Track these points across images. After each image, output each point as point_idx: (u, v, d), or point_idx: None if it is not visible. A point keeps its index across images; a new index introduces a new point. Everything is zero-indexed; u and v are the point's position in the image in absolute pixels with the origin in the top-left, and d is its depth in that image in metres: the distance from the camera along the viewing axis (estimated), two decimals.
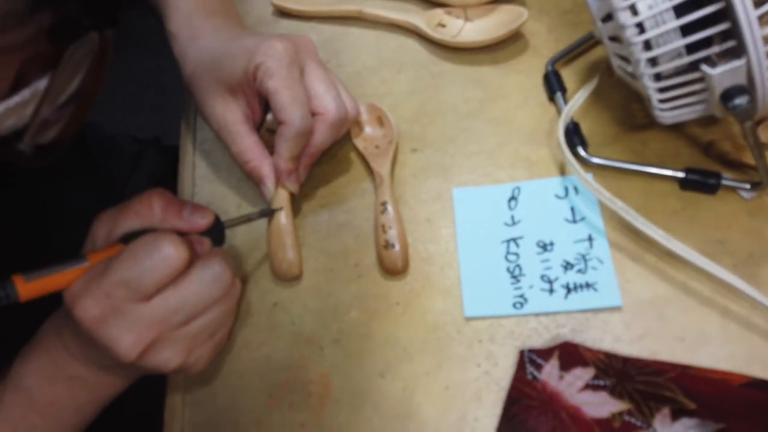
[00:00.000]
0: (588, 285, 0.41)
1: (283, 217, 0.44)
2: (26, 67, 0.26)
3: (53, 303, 0.36)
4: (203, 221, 0.38)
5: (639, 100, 0.47)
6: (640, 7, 0.36)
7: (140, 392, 0.40)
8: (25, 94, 0.26)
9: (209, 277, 0.35)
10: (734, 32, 0.34)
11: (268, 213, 0.44)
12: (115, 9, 0.25)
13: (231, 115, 0.45)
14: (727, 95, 0.36)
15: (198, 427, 0.41)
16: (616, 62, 0.42)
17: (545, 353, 0.38)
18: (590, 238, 0.43)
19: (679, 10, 0.35)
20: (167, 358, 0.35)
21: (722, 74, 0.35)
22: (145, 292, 0.34)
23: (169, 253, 0.34)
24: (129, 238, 0.35)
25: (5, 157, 0.27)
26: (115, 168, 0.69)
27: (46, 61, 0.26)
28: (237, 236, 0.47)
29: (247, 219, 0.43)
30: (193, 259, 0.35)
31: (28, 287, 0.32)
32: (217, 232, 0.39)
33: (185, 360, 0.36)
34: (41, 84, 0.26)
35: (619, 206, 0.41)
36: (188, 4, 0.50)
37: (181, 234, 0.36)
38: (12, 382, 0.37)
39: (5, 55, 0.25)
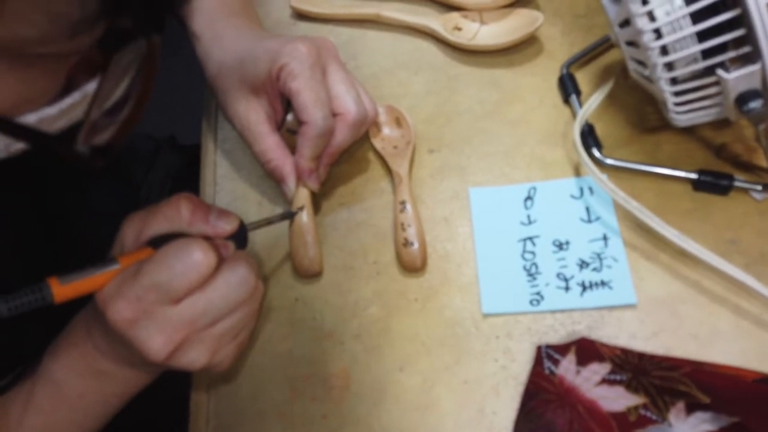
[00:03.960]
0: (603, 283, 0.42)
1: (305, 216, 0.46)
2: (76, 70, 0.27)
3: (81, 300, 0.37)
4: (229, 227, 0.38)
5: (652, 102, 0.48)
6: (657, 13, 0.37)
7: (166, 384, 0.41)
8: (75, 96, 0.27)
9: (235, 281, 0.36)
10: (750, 38, 0.35)
11: (289, 216, 0.45)
12: (163, 15, 0.26)
13: (254, 114, 0.46)
14: (742, 99, 0.37)
15: (222, 418, 0.42)
16: (632, 66, 0.43)
17: (562, 349, 0.39)
18: (605, 238, 0.44)
19: (695, 17, 0.36)
20: (194, 358, 0.36)
21: (737, 79, 0.36)
22: (175, 296, 0.35)
23: (199, 258, 0.34)
24: (157, 241, 0.36)
25: (66, 158, 0.28)
26: (132, 167, 0.70)
27: (94, 66, 0.27)
28: (259, 234, 0.48)
29: (268, 222, 0.44)
30: (219, 263, 0.36)
31: (62, 290, 0.33)
32: (240, 235, 0.40)
33: (211, 359, 0.37)
34: (90, 87, 0.27)
35: (633, 206, 0.42)
36: (211, 5, 0.51)
37: (207, 238, 0.37)
38: (42, 376, 0.39)
39: (64, 59, 0.26)
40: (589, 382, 0.38)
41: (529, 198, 0.47)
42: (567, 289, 0.43)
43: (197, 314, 0.35)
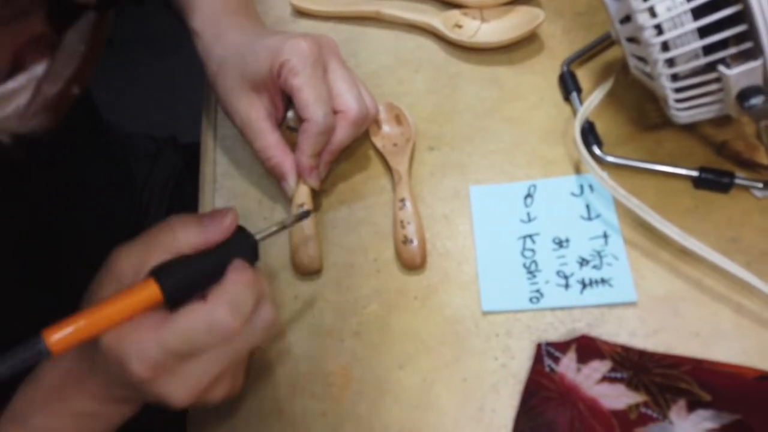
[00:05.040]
0: (603, 281, 0.42)
1: None
2: (24, 50, 0.25)
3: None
4: (225, 223, 0.36)
5: (653, 100, 0.48)
6: (658, 9, 0.37)
7: None
8: (20, 79, 0.25)
9: (262, 327, 0.35)
10: (751, 34, 0.35)
11: (304, 216, 0.42)
12: None
13: (255, 112, 0.46)
14: (744, 95, 0.36)
15: (220, 416, 0.42)
16: (633, 62, 0.43)
17: (563, 346, 0.39)
18: (605, 235, 0.44)
19: (696, 13, 0.36)
20: (217, 394, 0.35)
21: (739, 75, 0.36)
22: (198, 355, 0.33)
23: (226, 324, 0.32)
24: (158, 271, 0.34)
25: None
26: (135, 167, 0.70)
27: (45, 44, 0.25)
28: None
29: (282, 227, 0.40)
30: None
31: (59, 342, 0.31)
32: (249, 247, 0.37)
33: (232, 389, 0.36)
34: (39, 69, 0.25)
35: (634, 204, 0.42)
36: (212, 3, 0.51)
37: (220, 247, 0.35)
38: (17, 422, 0.36)
39: (7, 38, 0.24)
40: (590, 380, 0.38)
41: (529, 196, 0.47)
42: (567, 286, 0.42)
43: (222, 363, 0.34)
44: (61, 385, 0.36)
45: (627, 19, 0.40)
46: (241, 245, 0.36)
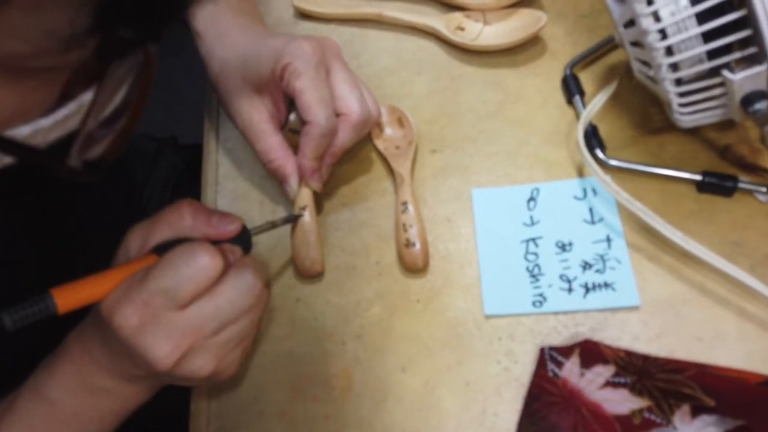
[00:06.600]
0: (606, 284, 0.42)
1: (307, 216, 0.45)
2: (72, 81, 0.26)
3: (76, 315, 0.36)
4: (232, 227, 0.39)
5: (656, 103, 0.48)
6: (662, 13, 0.37)
7: (167, 385, 0.41)
8: (71, 107, 0.26)
9: (242, 287, 0.36)
10: (755, 39, 0.35)
11: (293, 219, 0.45)
12: (162, 25, 0.25)
13: (257, 114, 0.46)
14: (748, 100, 0.36)
15: (223, 419, 0.42)
16: (636, 66, 0.43)
17: (566, 351, 0.39)
18: (608, 239, 0.44)
19: (701, 17, 0.36)
20: (200, 365, 0.35)
21: (743, 80, 0.36)
22: (182, 300, 0.34)
23: (205, 261, 0.34)
24: (162, 248, 0.36)
25: (56, 172, 0.27)
26: (135, 167, 0.69)
27: (91, 75, 0.26)
28: (261, 234, 0.48)
29: (273, 225, 0.43)
30: (225, 268, 0.36)
31: (66, 300, 0.33)
32: (244, 239, 0.40)
33: (216, 367, 0.36)
34: (86, 97, 0.26)
35: (637, 207, 0.42)
36: (215, 4, 0.50)
37: (212, 242, 0.37)
38: (36, 392, 0.37)
39: (59, 71, 0.25)
40: (593, 385, 0.38)
41: (532, 199, 0.46)
42: (570, 290, 0.42)
43: (204, 320, 0.35)
44: (79, 357, 0.37)
45: (631, 23, 0.40)
46: (240, 236, 0.40)
